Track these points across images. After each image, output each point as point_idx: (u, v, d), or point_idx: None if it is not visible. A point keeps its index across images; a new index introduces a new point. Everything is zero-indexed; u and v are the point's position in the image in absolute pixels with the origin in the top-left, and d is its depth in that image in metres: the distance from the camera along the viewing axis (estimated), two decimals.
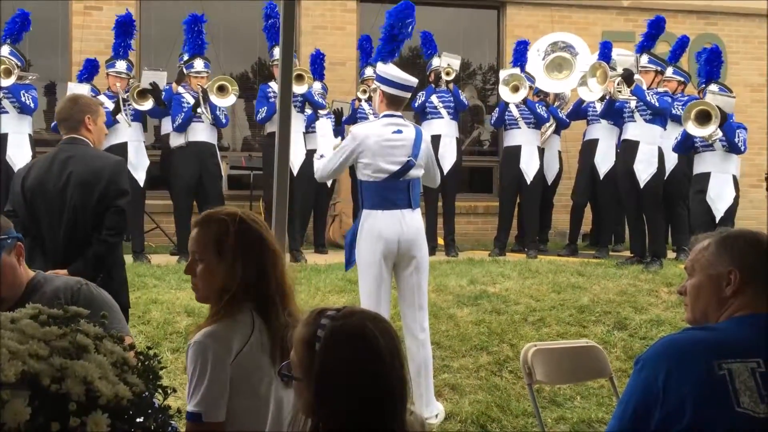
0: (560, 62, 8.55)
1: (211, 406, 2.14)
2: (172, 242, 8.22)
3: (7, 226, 2.66)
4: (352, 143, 4.40)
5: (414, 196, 4.46)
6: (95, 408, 1.55)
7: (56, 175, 3.67)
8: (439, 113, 8.11)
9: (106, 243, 3.64)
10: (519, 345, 5.05)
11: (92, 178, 3.65)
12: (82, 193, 3.63)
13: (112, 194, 3.66)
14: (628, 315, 5.84)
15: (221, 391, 2.15)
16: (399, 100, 4.50)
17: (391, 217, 4.36)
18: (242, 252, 2.25)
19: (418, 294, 4.43)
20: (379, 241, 4.34)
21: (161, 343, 4.87)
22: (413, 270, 4.42)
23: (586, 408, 4.68)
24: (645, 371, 1.94)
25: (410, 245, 4.39)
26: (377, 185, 4.38)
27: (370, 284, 4.38)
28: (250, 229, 2.29)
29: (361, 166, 4.40)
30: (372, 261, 4.36)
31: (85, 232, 3.64)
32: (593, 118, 8.26)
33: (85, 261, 3.59)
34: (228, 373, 2.16)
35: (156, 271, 6.44)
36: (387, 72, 4.51)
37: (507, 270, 6.75)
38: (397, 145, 4.38)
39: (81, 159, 3.70)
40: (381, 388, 1.65)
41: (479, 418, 4.49)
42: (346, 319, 1.71)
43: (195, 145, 7.48)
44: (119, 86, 7.42)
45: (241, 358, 2.19)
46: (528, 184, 8.12)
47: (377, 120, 4.55)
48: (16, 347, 1.57)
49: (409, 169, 4.38)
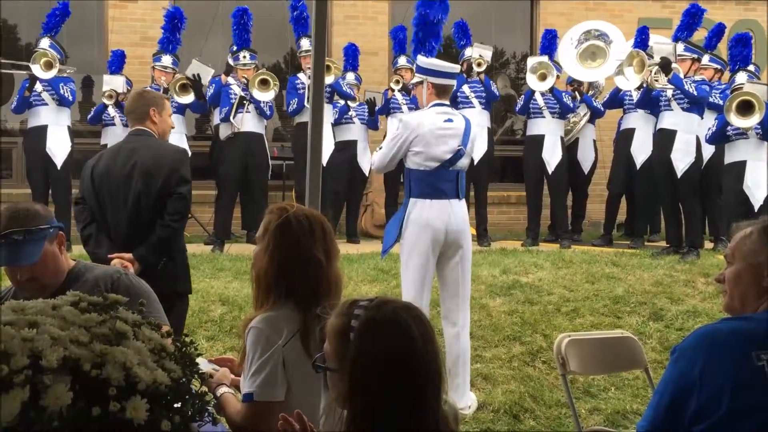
0: (594, 50, 8.41)
1: (263, 387, 2.24)
2: (207, 232, 8.31)
3: (48, 215, 2.72)
4: (405, 131, 4.40)
5: (461, 186, 4.47)
6: (134, 393, 1.58)
7: (122, 164, 3.80)
8: (470, 103, 8.06)
9: (169, 228, 3.76)
10: (552, 335, 5.03)
11: (156, 166, 3.79)
12: (145, 180, 3.76)
13: (175, 181, 3.78)
14: (663, 306, 5.76)
15: (273, 373, 2.25)
16: (447, 88, 4.54)
17: (439, 207, 4.37)
18: (281, 244, 2.35)
19: (462, 285, 4.44)
20: (426, 230, 4.35)
21: (196, 331, 4.94)
22: (458, 260, 4.42)
23: (620, 399, 4.64)
24: (681, 361, 1.93)
25: (457, 235, 4.39)
26: (427, 174, 4.38)
27: (414, 273, 4.39)
28: (291, 224, 2.36)
29: (411, 154, 4.40)
30: (419, 250, 4.37)
31: (148, 218, 3.75)
32: (630, 107, 8.13)
33: (149, 246, 3.70)
34: (280, 356, 2.25)
35: (191, 260, 6.48)
36: (430, 63, 4.53)
37: (540, 260, 6.70)
38: (448, 134, 4.39)
39: (146, 149, 3.85)
40: (416, 377, 1.66)
41: (512, 408, 4.47)
42: (380, 309, 1.72)
43: (243, 135, 7.58)
44: (164, 80, 7.53)
45: (292, 344, 2.27)
46: (550, 174, 8.05)
47: (428, 109, 4.53)
48: (57, 333, 1.60)
49: (460, 158, 4.40)
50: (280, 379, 2.25)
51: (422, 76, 4.57)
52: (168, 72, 7.62)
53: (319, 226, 2.42)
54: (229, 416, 2.33)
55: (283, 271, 2.34)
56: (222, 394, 2.38)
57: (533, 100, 8.08)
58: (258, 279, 2.38)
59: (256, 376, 2.25)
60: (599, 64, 8.37)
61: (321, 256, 2.36)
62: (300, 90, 7.90)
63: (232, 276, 5.95)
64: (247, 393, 2.26)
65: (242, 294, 5.43)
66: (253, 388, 2.25)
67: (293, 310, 2.32)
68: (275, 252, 2.35)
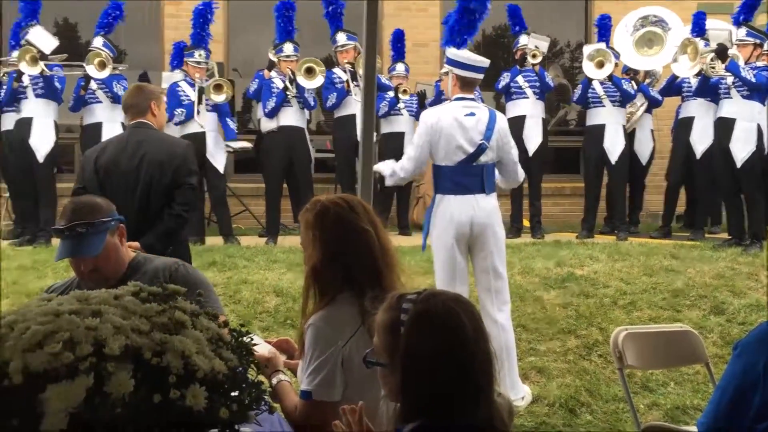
0: (651, 37, 8.19)
1: (320, 385, 2.24)
2: (261, 224, 8.43)
3: (109, 209, 2.80)
4: (425, 130, 4.38)
5: (488, 181, 4.38)
6: (193, 381, 1.61)
7: (130, 154, 3.93)
8: (524, 93, 7.96)
9: (180, 217, 3.88)
10: (609, 329, 4.94)
11: (166, 158, 3.93)
12: (155, 171, 3.89)
13: (184, 172, 3.93)
14: (725, 299, 5.60)
15: (332, 372, 2.24)
16: (472, 82, 4.45)
17: (463, 202, 4.33)
18: (326, 228, 2.35)
19: (494, 277, 4.38)
20: (450, 225, 4.32)
21: (251, 322, 5.02)
22: (487, 254, 4.37)
23: (680, 394, 4.54)
24: (744, 357, 1.87)
25: (483, 228, 4.34)
26: (451, 170, 4.35)
27: (442, 268, 4.38)
28: (329, 208, 2.37)
29: (434, 150, 4.37)
30: (444, 245, 4.35)
31: (156, 208, 3.86)
32: (688, 94, 7.90)
33: (156, 234, 3.79)
34: (339, 355, 2.24)
35: (246, 252, 6.62)
36: (458, 55, 4.46)
37: (595, 252, 6.59)
38: (469, 128, 4.33)
39: (154, 141, 3.99)
40: (468, 367, 1.65)
41: (568, 402, 4.42)
42: (429, 302, 1.71)
43: (285, 129, 7.64)
44: (198, 76, 7.59)
45: (353, 342, 2.25)
46: (613, 164, 7.89)
47: (449, 103, 4.50)
48: (120, 322, 1.64)
49: (482, 152, 4.33)
50: (338, 380, 2.26)
51: (448, 67, 4.53)
52: (201, 67, 7.68)
53: (357, 203, 2.43)
54: (286, 407, 2.35)
55: (335, 254, 2.33)
56: (279, 382, 2.40)
57: (591, 88, 7.93)
58: (314, 273, 2.35)
59: (315, 374, 2.25)
60: (656, 51, 8.14)
61: (368, 227, 2.36)
62: (337, 84, 7.93)
63: (285, 268, 6.02)
64: (305, 390, 2.28)
65: (296, 285, 5.49)
66: (312, 387, 2.26)
67: (352, 303, 2.29)
68: (323, 238, 2.35)
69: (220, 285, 5.48)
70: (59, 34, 8.45)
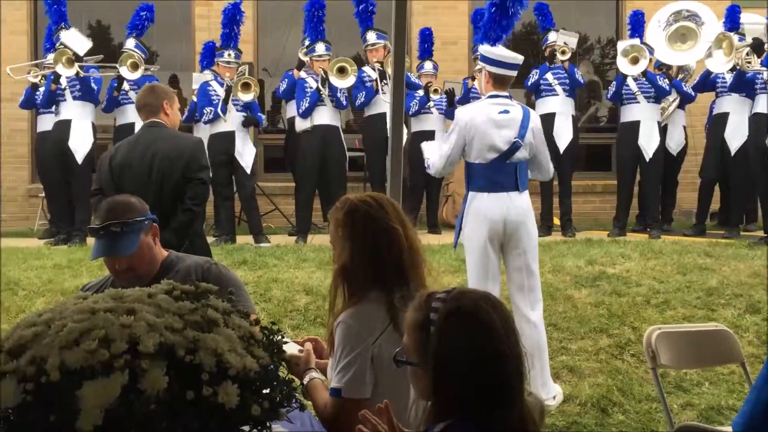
0: (684, 32, 8.07)
1: (351, 382, 2.25)
2: (290, 223, 8.47)
3: (144, 208, 2.84)
4: (458, 127, 4.36)
5: (521, 178, 4.36)
6: (225, 378, 1.63)
7: (141, 153, 4.03)
8: (553, 90, 7.89)
9: (191, 211, 3.96)
10: (641, 328, 4.88)
11: (176, 154, 4.02)
12: (166, 168, 3.98)
13: (194, 168, 4.01)
14: (761, 298, 5.49)
15: (361, 369, 2.25)
16: (505, 79, 4.42)
17: (496, 200, 4.30)
18: (356, 225, 2.37)
19: (527, 275, 4.35)
20: (484, 223, 4.30)
21: (282, 320, 5.04)
22: (521, 252, 4.35)
23: (715, 394, 4.46)
24: None
25: (516, 226, 4.31)
26: (484, 167, 4.33)
27: (475, 266, 4.36)
28: (358, 207, 2.39)
29: (468, 148, 4.35)
30: (477, 243, 4.33)
31: (170, 205, 3.92)
32: (722, 90, 7.77)
33: (171, 230, 3.83)
34: (369, 352, 2.25)
35: (276, 251, 6.66)
36: (492, 51, 4.43)
37: (627, 250, 6.51)
38: (503, 126, 4.30)
39: (164, 139, 4.09)
40: (499, 366, 1.64)
41: (600, 401, 4.37)
42: (458, 300, 1.71)
43: (319, 128, 7.65)
44: (228, 76, 7.65)
45: (382, 339, 2.26)
46: (647, 162, 7.78)
47: (482, 100, 4.48)
48: (153, 320, 1.67)
49: (516, 150, 4.30)
50: (368, 377, 2.26)
51: (482, 64, 4.50)
52: (231, 67, 7.74)
53: (386, 202, 2.45)
54: (317, 405, 2.36)
55: (364, 252, 2.34)
56: (310, 380, 2.42)
57: (626, 85, 7.83)
58: (343, 271, 2.37)
59: (344, 372, 2.26)
60: (690, 46, 8.02)
61: (397, 225, 2.38)
62: (367, 83, 7.93)
63: (315, 266, 6.04)
64: (335, 388, 2.28)
65: (326, 284, 5.50)
66: (341, 384, 2.26)
67: (380, 301, 2.30)
68: (353, 235, 2.37)
69: (251, 283, 5.52)
70: (92, 36, 8.58)
